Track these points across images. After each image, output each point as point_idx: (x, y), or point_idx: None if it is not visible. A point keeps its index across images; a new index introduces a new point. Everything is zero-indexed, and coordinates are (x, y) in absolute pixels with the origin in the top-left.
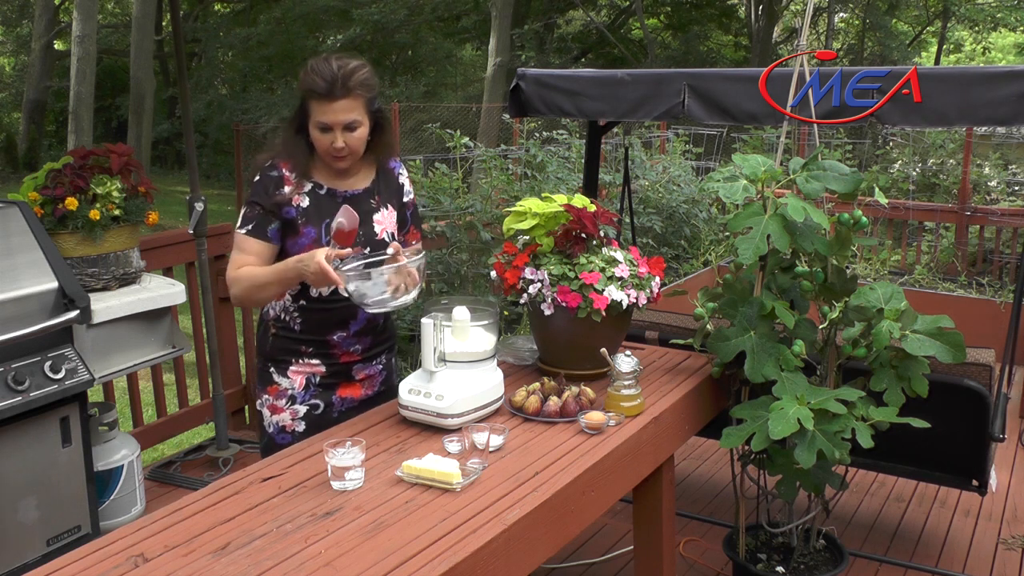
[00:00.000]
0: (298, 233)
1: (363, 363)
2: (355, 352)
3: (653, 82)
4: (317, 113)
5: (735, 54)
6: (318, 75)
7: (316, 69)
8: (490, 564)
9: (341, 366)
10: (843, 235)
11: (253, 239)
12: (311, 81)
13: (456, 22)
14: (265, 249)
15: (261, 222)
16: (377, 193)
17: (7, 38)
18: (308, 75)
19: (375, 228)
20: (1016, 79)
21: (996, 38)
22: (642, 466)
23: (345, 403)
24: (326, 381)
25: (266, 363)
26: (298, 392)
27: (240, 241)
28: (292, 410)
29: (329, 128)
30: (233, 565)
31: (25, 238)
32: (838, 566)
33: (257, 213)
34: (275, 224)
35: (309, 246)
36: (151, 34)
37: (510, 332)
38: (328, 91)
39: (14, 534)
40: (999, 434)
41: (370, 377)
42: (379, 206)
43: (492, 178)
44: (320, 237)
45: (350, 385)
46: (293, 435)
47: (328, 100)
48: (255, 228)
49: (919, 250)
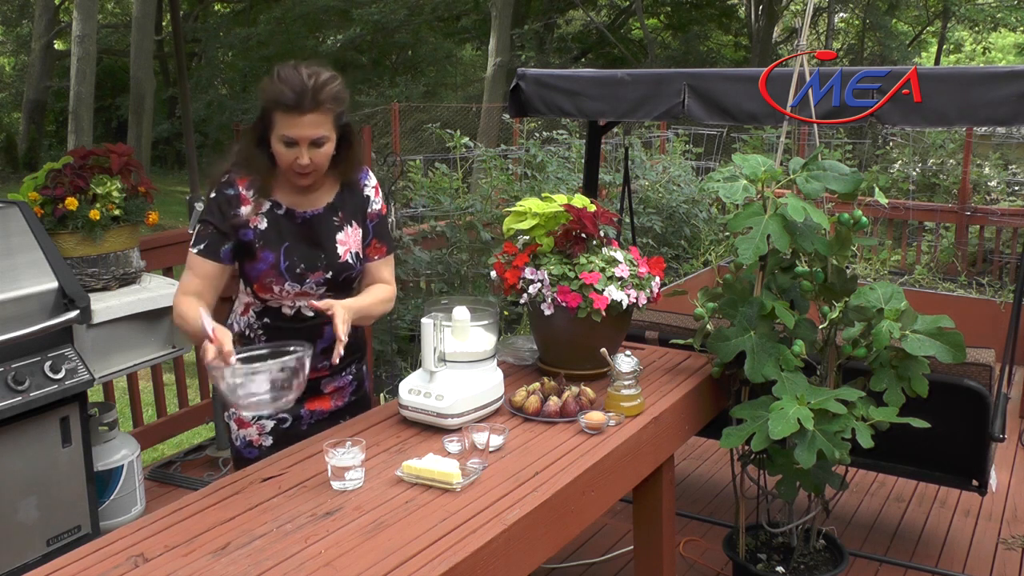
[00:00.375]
0: (255, 258)
1: (331, 377)
2: (323, 368)
3: (653, 82)
4: (282, 126)
5: (735, 54)
6: (286, 85)
7: (284, 78)
8: (490, 564)
9: (309, 382)
10: (843, 235)
11: (205, 260)
12: (277, 91)
13: (456, 22)
14: (216, 270)
15: (214, 242)
16: (340, 210)
17: (7, 38)
18: (274, 84)
19: (338, 249)
20: (1016, 79)
21: (996, 38)
22: (642, 466)
23: (314, 415)
24: None
25: None
26: None
27: (191, 261)
28: (259, 425)
29: (295, 143)
30: (233, 565)
31: (25, 238)
32: (838, 566)
33: (210, 232)
34: (228, 245)
35: (267, 271)
36: (151, 34)
37: (510, 332)
38: (296, 103)
39: (14, 534)
40: (999, 434)
41: (339, 389)
42: (342, 224)
43: (492, 178)
44: (279, 262)
45: (319, 398)
46: (260, 449)
47: (296, 113)
48: (207, 248)
49: (919, 250)
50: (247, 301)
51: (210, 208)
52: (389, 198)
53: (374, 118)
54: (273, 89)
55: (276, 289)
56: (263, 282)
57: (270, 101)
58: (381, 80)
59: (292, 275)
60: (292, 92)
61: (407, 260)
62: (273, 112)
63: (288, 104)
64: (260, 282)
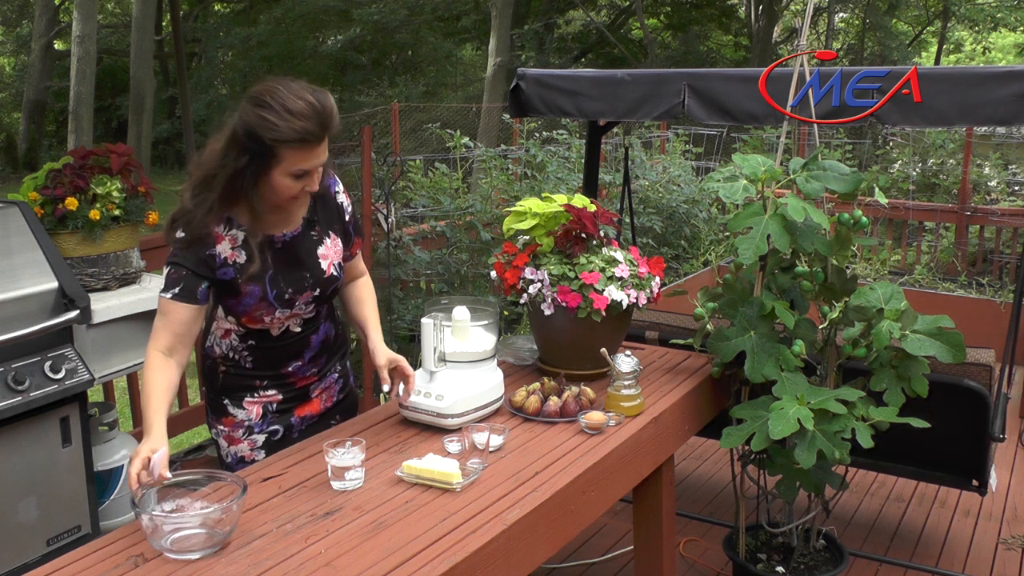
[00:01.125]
0: (240, 293)
1: (319, 381)
2: (312, 375)
3: (653, 82)
4: (295, 160)
5: (735, 54)
6: (300, 118)
7: (293, 111)
8: (490, 564)
9: (298, 390)
10: (843, 235)
11: (180, 304)
12: (290, 128)
13: (456, 22)
14: (192, 313)
15: (189, 284)
16: (316, 224)
17: (7, 38)
18: (283, 119)
19: (321, 264)
20: (1016, 79)
21: (996, 38)
22: (642, 466)
23: (305, 421)
24: (283, 406)
25: (218, 394)
26: (255, 422)
27: (165, 307)
28: (250, 440)
29: (307, 173)
30: (233, 565)
31: (25, 238)
32: (838, 566)
33: (184, 274)
34: (204, 285)
35: (256, 305)
36: (151, 34)
37: (510, 332)
38: (315, 136)
39: (14, 534)
40: (999, 434)
41: (327, 390)
42: (321, 237)
43: (492, 178)
44: (266, 293)
45: (308, 403)
46: (253, 463)
47: (314, 145)
48: (183, 292)
49: (919, 250)
50: (227, 327)
51: (179, 248)
52: (389, 198)
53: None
54: (285, 127)
55: (267, 319)
56: (252, 315)
57: (280, 140)
58: (381, 80)
59: (281, 302)
60: (315, 125)
61: (407, 260)
62: (282, 148)
63: (309, 139)
64: (249, 315)
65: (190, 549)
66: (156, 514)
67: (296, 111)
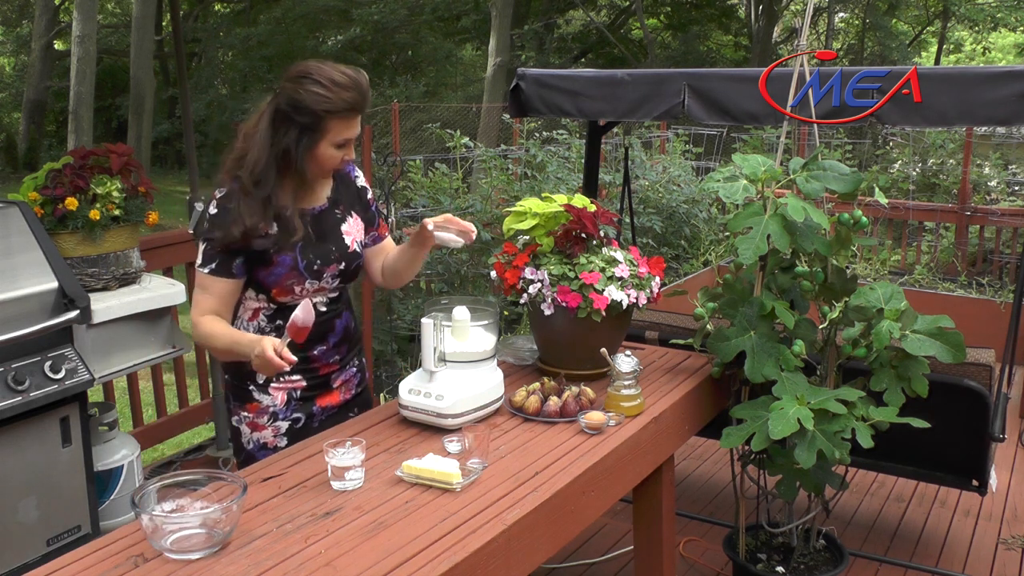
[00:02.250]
0: (271, 263)
1: (340, 371)
2: (334, 362)
3: (653, 82)
4: (340, 131)
5: (735, 54)
6: (347, 89)
7: (340, 84)
8: (490, 564)
9: (321, 378)
10: (843, 235)
11: (217, 278)
12: (339, 98)
13: (456, 22)
14: (230, 286)
15: (224, 259)
16: (340, 203)
17: (7, 38)
18: (332, 91)
19: (345, 239)
20: (1016, 79)
21: (996, 38)
22: (642, 466)
23: (325, 412)
24: (306, 394)
25: (243, 380)
26: (280, 408)
27: (202, 280)
28: (274, 427)
29: (347, 143)
30: (233, 565)
31: (25, 238)
32: (838, 566)
33: (219, 250)
34: (240, 259)
35: (287, 274)
36: (151, 34)
37: (510, 332)
38: (360, 105)
39: (14, 534)
40: (999, 434)
41: (347, 382)
42: (344, 215)
43: (492, 178)
44: (297, 263)
45: (329, 394)
46: (275, 450)
47: (356, 114)
48: (219, 267)
49: (919, 250)
50: (255, 307)
51: (214, 225)
52: (389, 198)
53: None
54: (335, 96)
55: (296, 290)
56: (283, 285)
57: (330, 110)
58: (381, 80)
59: (310, 272)
60: (359, 95)
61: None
62: (329, 119)
63: (356, 107)
64: (280, 286)
65: (190, 549)
66: (156, 514)
67: (341, 83)
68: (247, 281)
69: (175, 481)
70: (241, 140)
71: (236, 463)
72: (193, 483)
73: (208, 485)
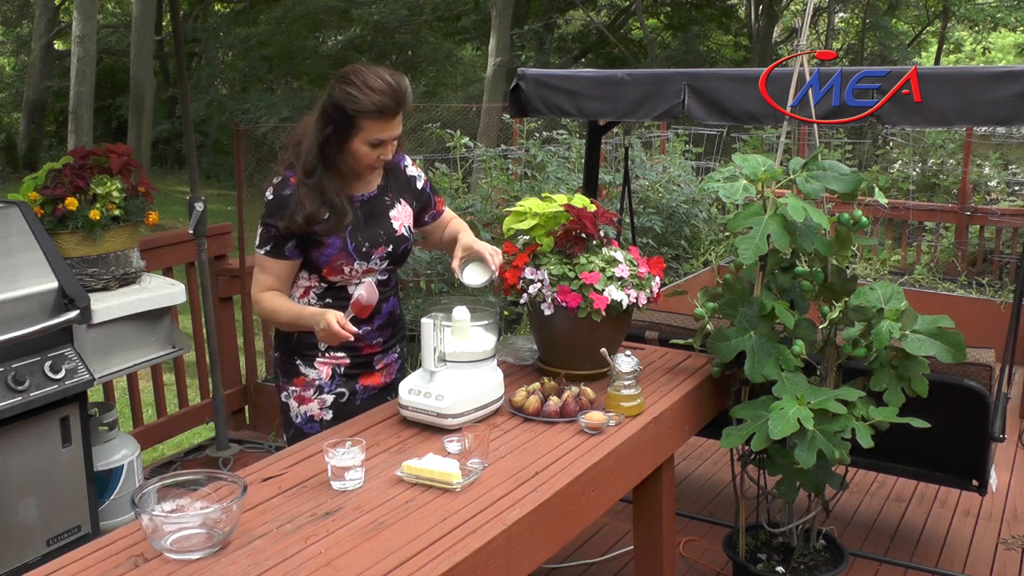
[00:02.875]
0: (322, 244)
1: (383, 353)
2: (377, 344)
3: (653, 82)
4: (373, 131)
5: (735, 54)
6: (378, 93)
7: (372, 87)
8: (490, 564)
9: (364, 357)
10: (843, 235)
11: (273, 260)
12: (369, 101)
13: (456, 22)
14: (286, 267)
15: (279, 242)
16: (389, 191)
17: (7, 38)
18: (363, 93)
19: (393, 224)
20: (1016, 79)
21: (996, 38)
22: (642, 466)
23: (368, 391)
24: (350, 371)
25: (291, 356)
26: (325, 382)
27: (260, 260)
28: (320, 399)
29: (382, 143)
30: (233, 565)
31: (25, 238)
32: (838, 566)
33: (274, 234)
34: (293, 242)
35: (336, 255)
36: (151, 34)
37: (510, 332)
38: (391, 109)
39: (14, 534)
40: (999, 434)
41: (388, 366)
42: (392, 202)
43: (492, 178)
44: (346, 244)
45: (371, 375)
46: (321, 423)
47: (390, 117)
48: (274, 249)
49: (919, 250)
50: (306, 285)
51: (269, 210)
52: None
53: None
54: (365, 99)
55: (346, 270)
56: (333, 265)
57: (360, 110)
58: None
59: (359, 254)
60: (388, 99)
61: (407, 260)
62: (362, 119)
63: (384, 111)
64: (330, 266)
65: (190, 549)
66: (156, 514)
67: (375, 87)
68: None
69: (175, 481)
70: (300, 129)
71: (286, 439)
72: (193, 483)
73: (208, 485)
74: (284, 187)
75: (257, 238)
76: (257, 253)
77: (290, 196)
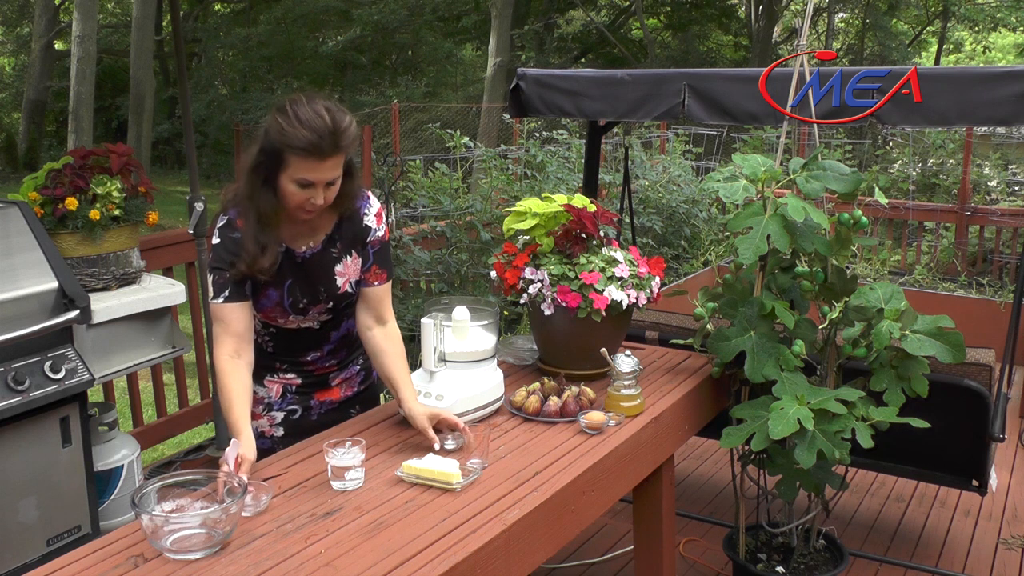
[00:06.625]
0: (260, 294)
1: (339, 370)
2: (331, 365)
3: (653, 82)
4: (300, 170)
5: (735, 54)
6: (308, 129)
7: (305, 121)
8: (490, 564)
9: (317, 378)
10: (843, 235)
11: (234, 305)
12: (297, 136)
13: (456, 22)
14: (248, 311)
15: (236, 286)
16: (338, 241)
17: (7, 38)
18: (293, 127)
19: (337, 281)
20: (1016, 79)
21: (996, 38)
22: (642, 466)
23: (324, 406)
24: (303, 390)
25: None
26: (275, 400)
27: (219, 313)
28: (269, 416)
29: (311, 184)
30: (233, 565)
31: (25, 238)
32: (838, 566)
33: (227, 278)
34: (248, 283)
35: (272, 308)
36: (151, 34)
37: (510, 332)
38: (319, 149)
39: (14, 534)
40: (999, 434)
41: (348, 379)
42: (340, 255)
43: (492, 178)
44: (283, 299)
45: (328, 390)
46: (272, 440)
47: (317, 158)
48: (233, 293)
49: (919, 250)
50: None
51: (219, 255)
52: (389, 198)
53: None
54: (291, 133)
55: (281, 321)
56: (268, 315)
57: (287, 144)
58: (381, 80)
59: (295, 310)
60: (316, 136)
61: (407, 260)
62: (288, 154)
63: (309, 149)
64: (265, 314)
65: (190, 549)
66: (156, 514)
67: (304, 120)
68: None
69: (175, 481)
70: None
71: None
72: (193, 483)
73: (208, 485)
74: (231, 230)
75: (210, 289)
76: (213, 305)
77: (239, 239)
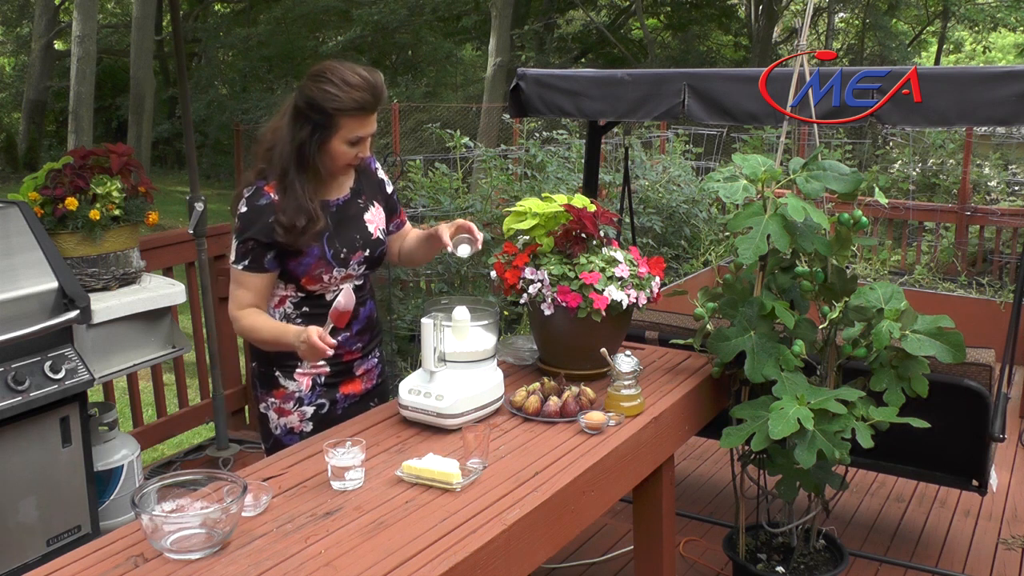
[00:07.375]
0: (300, 254)
1: (362, 359)
2: (356, 350)
3: (653, 82)
4: (353, 128)
5: (735, 54)
6: (357, 89)
7: (351, 83)
8: (490, 564)
9: (344, 364)
10: (843, 235)
11: (251, 274)
12: (351, 98)
13: (456, 22)
14: (265, 280)
15: (257, 256)
16: (363, 193)
17: (7, 38)
18: (345, 91)
19: (368, 228)
20: (1016, 79)
21: (996, 38)
22: (642, 466)
23: (348, 399)
24: (330, 380)
25: (270, 367)
26: (305, 394)
27: (238, 276)
28: (300, 412)
29: (361, 140)
30: (233, 565)
31: (25, 238)
32: (838, 566)
33: (252, 247)
34: (272, 253)
35: (315, 265)
36: (151, 34)
37: (510, 332)
38: (370, 105)
39: (14, 534)
40: (999, 434)
41: (368, 371)
42: (366, 205)
43: (492, 178)
44: (324, 252)
45: (351, 381)
46: (300, 435)
47: (369, 113)
48: (252, 263)
49: (919, 250)
50: (282, 295)
51: (245, 223)
52: None
53: None
54: (345, 97)
55: (325, 278)
56: (312, 274)
57: (339, 108)
58: None
59: (338, 260)
60: (367, 95)
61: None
62: (341, 117)
63: (364, 107)
64: (309, 275)
65: (190, 549)
66: (156, 514)
67: (353, 83)
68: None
69: (175, 481)
70: (269, 134)
71: (264, 450)
72: (193, 483)
73: (208, 485)
74: (258, 197)
75: (232, 253)
76: (234, 269)
77: (266, 206)
